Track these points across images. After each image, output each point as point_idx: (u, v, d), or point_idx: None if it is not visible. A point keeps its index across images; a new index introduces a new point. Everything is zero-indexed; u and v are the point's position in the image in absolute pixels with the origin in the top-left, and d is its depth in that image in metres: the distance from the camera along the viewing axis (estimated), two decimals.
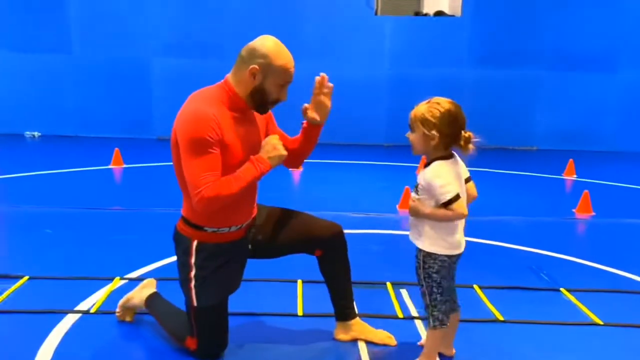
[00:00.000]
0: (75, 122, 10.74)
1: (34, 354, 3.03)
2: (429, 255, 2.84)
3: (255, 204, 3.13)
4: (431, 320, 2.90)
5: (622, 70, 10.76)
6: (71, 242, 4.90)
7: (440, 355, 3.08)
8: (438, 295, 2.87)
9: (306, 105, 3.07)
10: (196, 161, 2.74)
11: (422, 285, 2.90)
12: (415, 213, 2.84)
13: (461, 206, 2.71)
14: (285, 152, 2.92)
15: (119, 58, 10.53)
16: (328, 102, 3.07)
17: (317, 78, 3.03)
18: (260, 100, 2.89)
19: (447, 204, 2.71)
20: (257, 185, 3.04)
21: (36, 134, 10.71)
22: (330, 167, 8.67)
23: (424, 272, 2.87)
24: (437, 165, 2.77)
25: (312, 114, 3.07)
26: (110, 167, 8.08)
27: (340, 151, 9.93)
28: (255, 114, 3.02)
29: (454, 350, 3.16)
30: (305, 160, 3.31)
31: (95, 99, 10.65)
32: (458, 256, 2.89)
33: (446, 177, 2.73)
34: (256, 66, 2.81)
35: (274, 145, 2.90)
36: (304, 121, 3.13)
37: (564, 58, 10.70)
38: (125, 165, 8.15)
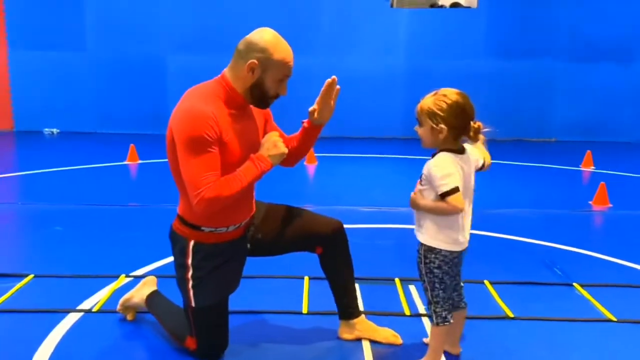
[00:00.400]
0: (93, 119, 10.82)
1: (32, 353, 3.00)
2: (430, 249, 2.77)
3: (254, 201, 3.06)
4: (434, 317, 2.83)
5: None
6: (80, 239, 4.90)
7: (446, 353, 3.02)
8: (440, 292, 2.80)
9: (314, 107, 3.01)
10: (195, 161, 2.65)
11: (424, 281, 2.83)
12: (414, 205, 2.79)
13: (457, 200, 2.61)
14: (286, 150, 2.85)
15: (135, 55, 10.58)
16: (334, 103, 3.02)
17: (328, 80, 2.95)
18: (259, 95, 2.82)
19: (444, 196, 2.63)
20: (255, 183, 2.97)
21: (55, 130, 10.78)
22: (345, 160, 8.60)
23: (425, 267, 2.80)
24: (441, 156, 2.70)
25: (318, 115, 3.01)
26: (125, 163, 8.10)
27: (356, 144, 9.84)
28: (254, 110, 2.95)
29: (460, 349, 3.08)
30: (310, 157, 3.26)
31: (111, 95, 10.73)
32: (460, 253, 2.81)
33: (448, 169, 2.65)
34: (255, 61, 2.72)
35: (274, 143, 2.83)
36: (305, 120, 3.07)
37: (582, 48, 10.53)
38: (140, 161, 8.17)
